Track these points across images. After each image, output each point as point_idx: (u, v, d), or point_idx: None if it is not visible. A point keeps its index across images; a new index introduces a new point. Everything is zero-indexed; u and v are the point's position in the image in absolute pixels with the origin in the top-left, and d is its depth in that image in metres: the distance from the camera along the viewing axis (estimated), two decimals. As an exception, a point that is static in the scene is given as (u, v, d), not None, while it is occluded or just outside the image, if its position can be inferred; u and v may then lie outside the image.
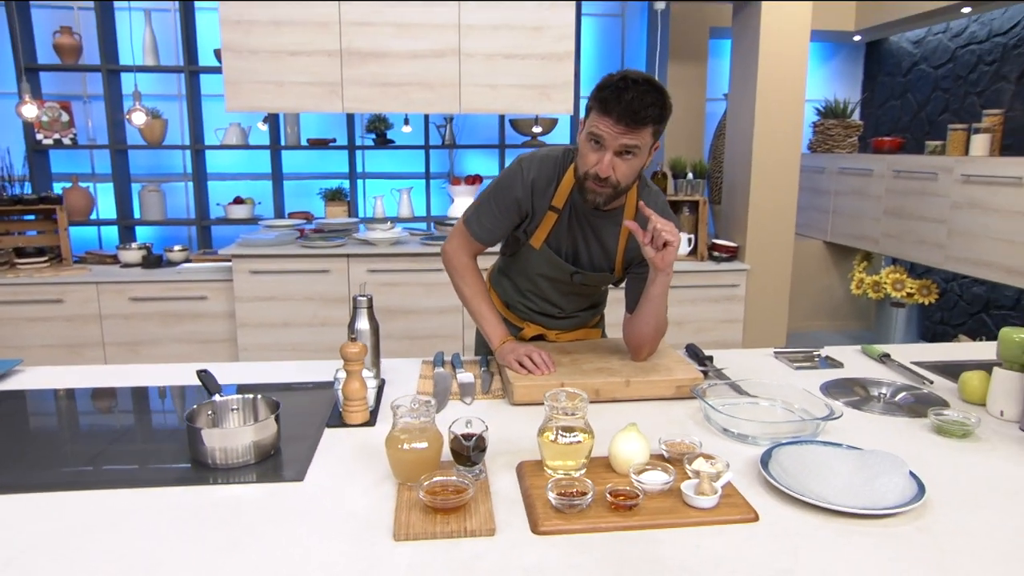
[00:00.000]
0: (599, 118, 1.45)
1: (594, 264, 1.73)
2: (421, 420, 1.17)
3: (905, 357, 1.92)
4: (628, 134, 1.43)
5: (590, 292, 1.87)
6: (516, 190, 1.64)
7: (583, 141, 1.51)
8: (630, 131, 1.43)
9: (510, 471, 1.24)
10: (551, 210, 1.65)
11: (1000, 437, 1.40)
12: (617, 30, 5.12)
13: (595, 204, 1.55)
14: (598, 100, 1.45)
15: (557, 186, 1.64)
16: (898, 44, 5.13)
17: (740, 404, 1.52)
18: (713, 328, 3.96)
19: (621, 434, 1.21)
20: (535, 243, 1.70)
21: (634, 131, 1.43)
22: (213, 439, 1.25)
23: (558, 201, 1.64)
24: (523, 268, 1.80)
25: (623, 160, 1.48)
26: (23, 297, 3.55)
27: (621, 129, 1.43)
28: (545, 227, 1.67)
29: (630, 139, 1.44)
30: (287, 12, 3.41)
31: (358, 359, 1.43)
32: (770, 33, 3.72)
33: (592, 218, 1.66)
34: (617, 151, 1.46)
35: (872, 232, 4.52)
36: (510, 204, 1.66)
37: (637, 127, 1.43)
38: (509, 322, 1.89)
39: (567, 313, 1.88)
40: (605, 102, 1.43)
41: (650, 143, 1.49)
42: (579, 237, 1.69)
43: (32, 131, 4.39)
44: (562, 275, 1.75)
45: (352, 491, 1.18)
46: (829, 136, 5.09)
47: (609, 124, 1.43)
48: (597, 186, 1.51)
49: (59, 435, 1.45)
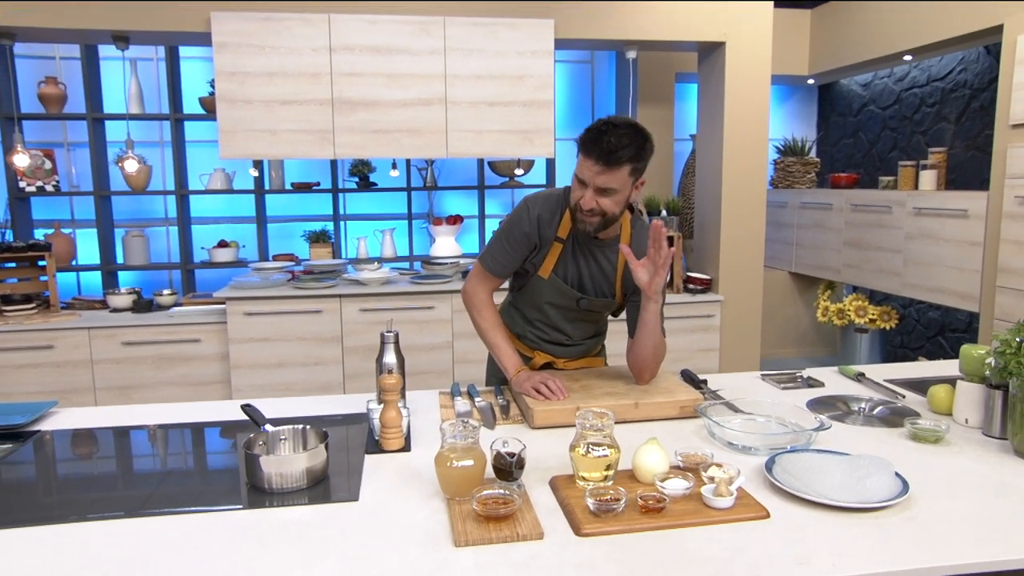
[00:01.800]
0: (582, 160, 1.67)
1: (597, 289, 1.90)
2: (467, 440, 1.30)
3: (878, 376, 2.12)
4: (604, 174, 1.64)
5: (595, 318, 2.03)
6: (524, 225, 1.84)
7: (574, 179, 1.73)
8: (607, 171, 1.63)
9: (543, 485, 1.38)
10: (556, 240, 1.85)
11: (966, 441, 1.59)
12: (587, 75, 5.40)
13: (587, 232, 1.75)
14: (582, 143, 1.67)
15: (560, 219, 1.84)
16: (848, 87, 5.51)
17: (738, 420, 1.68)
18: (690, 357, 4.15)
19: (644, 447, 1.35)
20: (543, 273, 1.88)
21: (610, 171, 1.63)
22: (270, 465, 1.36)
23: (562, 232, 1.84)
24: (532, 299, 1.96)
25: (606, 196, 1.67)
26: (12, 344, 3.56)
27: (599, 170, 1.63)
28: (552, 257, 1.86)
29: (606, 180, 1.64)
30: (280, 63, 3.57)
31: (395, 390, 1.55)
32: (734, 76, 4.00)
33: (593, 248, 1.86)
34: (598, 189, 1.66)
35: (834, 263, 4.81)
36: (520, 238, 1.86)
37: (613, 167, 1.63)
38: (519, 352, 2.02)
39: (574, 340, 2.03)
40: (586, 145, 1.65)
41: (629, 180, 1.68)
42: (583, 265, 1.87)
43: (15, 179, 4.43)
44: (569, 302, 1.91)
45: (405, 507, 1.30)
46: (789, 173, 5.41)
47: (589, 165, 1.64)
48: (585, 217, 1.72)
49: (120, 469, 1.54)
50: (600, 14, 3.84)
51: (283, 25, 3.55)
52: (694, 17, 3.93)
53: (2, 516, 1.28)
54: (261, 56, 3.55)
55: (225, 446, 1.70)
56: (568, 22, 3.81)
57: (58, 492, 1.42)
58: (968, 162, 4.38)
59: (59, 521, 1.25)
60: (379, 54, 3.64)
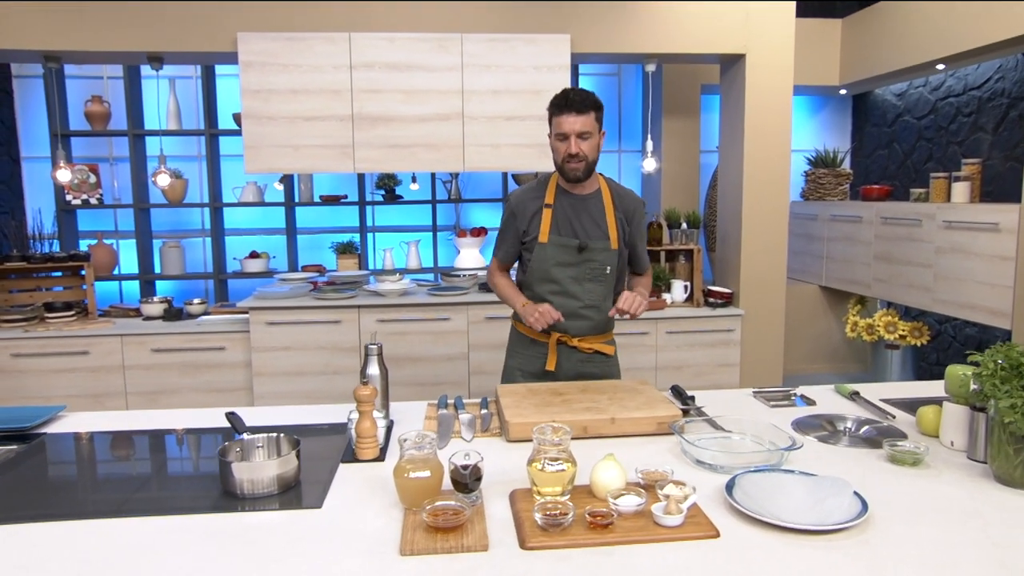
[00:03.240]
0: (559, 120, 2.05)
1: (594, 233, 2.17)
2: (424, 452, 1.34)
3: (875, 395, 2.07)
4: (579, 120, 2.03)
5: (600, 275, 2.20)
6: (508, 217, 2.24)
7: (553, 140, 2.09)
8: (580, 116, 2.02)
9: (504, 498, 1.40)
10: (546, 207, 2.17)
11: (947, 465, 1.54)
12: (614, 87, 5.41)
13: (577, 177, 2.10)
14: (554, 107, 2.07)
15: (544, 192, 2.19)
16: (883, 97, 5.38)
17: (715, 438, 1.68)
18: (711, 372, 4.10)
19: (601, 463, 1.36)
20: (543, 238, 2.17)
21: (583, 116, 2.03)
22: (242, 472, 1.42)
23: (549, 199, 2.18)
24: (540, 269, 2.19)
25: (584, 140, 2.05)
26: (51, 349, 3.75)
27: (574, 118, 2.02)
28: (546, 222, 2.17)
29: (582, 124, 2.03)
30: (303, 81, 3.69)
31: (369, 400, 1.60)
32: (755, 88, 3.96)
33: (578, 203, 2.17)
34: (578, 134, 2.03)
35: (864, 277, 4.69)
36: (509, 227, 2.25)
37: (584, 113, 2.03)
38: (534, 340, 2.26)
39: (585, 304, 2.19)
40: (558, 106, 2.06)
41: (596, 126, 2.07)
42: (574, 219, 2.17)
43: (62, 192, 4.67)
44: (572, 255, 2.15)
45: (364, 516, 1.34)
46: (820, 184, 5.30)
47: (565, 118, 2.03)
48: (573, 163, 2.07)
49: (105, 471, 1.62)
50: (617, 28, 3.85)
51: (306, 44, 3.67)
52: (714, 29, 3.91)
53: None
54: (285, 74, 3.67)
55: (212, 452, 1.76)
56: (585, 37, 3.84)
57: (39, 493, 1.50)
58: (1007, 173, 4.23)
59: (29, 521, 1.33)
60: (398, 71, 3.73)
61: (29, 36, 3.63)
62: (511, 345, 2.37)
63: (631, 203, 2.24)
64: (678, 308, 4.15)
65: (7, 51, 3.69)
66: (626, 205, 2.22)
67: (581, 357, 2.24)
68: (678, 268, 4.33)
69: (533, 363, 2.26)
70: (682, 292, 4.23)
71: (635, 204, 2.25)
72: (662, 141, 5.06)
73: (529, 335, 2.27)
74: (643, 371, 4.03)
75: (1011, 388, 1.37)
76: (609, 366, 2.30)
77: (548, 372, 2.21)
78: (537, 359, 2.25)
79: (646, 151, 4.21)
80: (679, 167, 5.09)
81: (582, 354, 2.23)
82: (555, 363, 2.20)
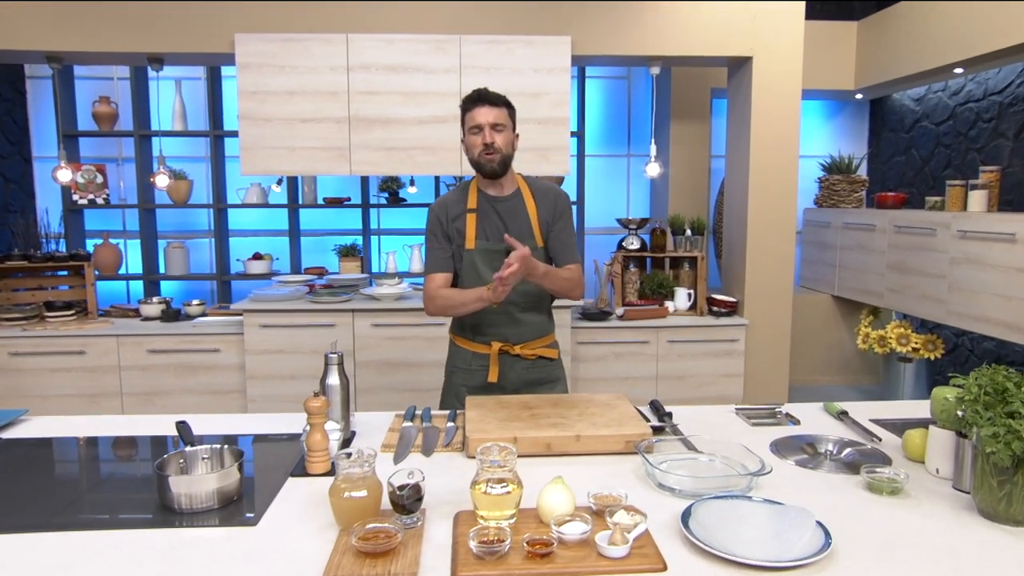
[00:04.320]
0: (472, 113, 2.05)
1: (518, 235, 2.10)
2: (361, 470, 1.27)
3: (866, 414, 1.96)
4: (493, 112, 2.04)
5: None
6: (434, 224, 2.17)
7: (468, 137, 2.08)
8: (494, 108, 2.04)
9: (451, 519, 1.33)
10: (469, 212, 2.13)
11: (930, 495, 1.44)
12: (623, 91, 5.32)
13: (493, 171, 2.07)
14: (468, 102, 2.07)
15: (466, 197, 2.16)
16: (900, 101, 5.22)
17: (683, 459, 1.59)
18: (714, 383, 3.99)
19: (548, 487, 1.29)
20: (469, 244, 2.12)
21: (497, 108, 2.04)
22: (180, 485, 1.36)
23: (471, 203, 2.15)
24: (469, 277, 2.13)
25: (498, 132, 2.04)
26: (48, 349, 3.76)
27: (487, 110, 2.03)
28: (471, 227, 2.13)
29: (496, 115, 2.04)
30: (300, 82, 3.66)
31: (320, 412, 1.54)
32: (762, 92, 3.85)
33: (499, 205, 2.15)
34: (492, 125, 2.02)
35: (876, 287, 4.54)
36: (438, 233, 2.17)
37: (497, 106, 2.05)
38: (476, 353, 2.19)
39: (520, 307, 2.15)
40: (472, 100, 2.06)
41: (510, 122, 2.09)
42: (497, 222, 2.14)
43: (69, 192, 4.70)
44: (500, 260, 2.00)
45: (299, 535, 1.28)
46: (834, 191, 5.15)
47: (480, 110, 2.03)
48: (488, 156, 2.05)
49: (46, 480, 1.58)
50: (620, 30, 3.77)
51: (303, 45, 3.64)
52: (720, 31, 3.81)
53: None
54: (281, 76, 3.65)
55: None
56: (586, 38, 3.76)
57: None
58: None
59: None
60: (395, 73, 3.68)
61: (33, 36, 3.65)
62: (450, 360, 2.28)
63: (552, 195, 2.19)
64: (680, 316, 4.05)
65: (11, 51, 3.71)
66: (547, 199, 2.18)
67: (525, 364, 2.19)
68: (682, 275, 4.23)
69: (475, 376, 2.19)
70: (685, 300, 4.13)
71: (556, 196, 2.20)
72: (670, 146, 4.96)
73: (470, 347, 2.20)
74: (643, 380, 3.93)
75: (994, 415, 1.27)
76: (554, 369, 2.26)
77: (492, 384, 2.15)
78: (479, 372, 2.18)
79: (650, 155, 4.11)
80: (688, 172, 4.98)
81: (525, 361, 2.18)
82: (498, 374, 2.15)
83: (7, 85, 4.89)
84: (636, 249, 4.15)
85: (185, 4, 3.64)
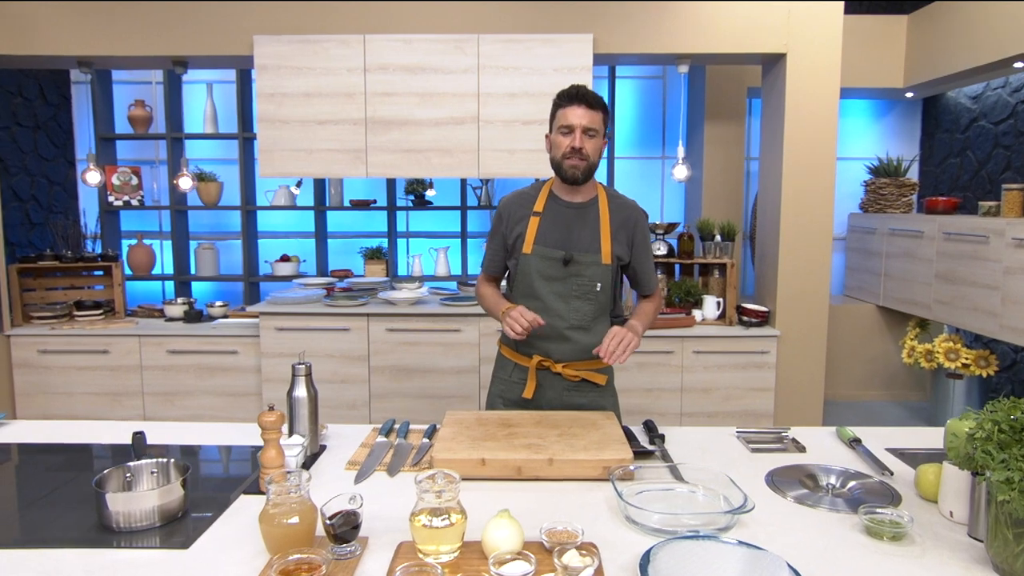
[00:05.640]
0: (566, 111, 1.88)
1: (582, 246, 1.95)
2: (293, 496, 1.18)
3: (884, 442, 1.78)
4: (588, 115, 1.87)
5: (588, 293, 1.96)
6: (496, 221, 2.06)
7: (556, 135, 1.92)
8: (590, 111, 1.87)
9: (393, 550, 1.23)
10: (533, 215, 1.98)
11: (939, 542, 1.27)
12: (658, 91, 5.14)
13: (575, 178, 1.91)
14: (563, 98, 1.90)
15: (535, 198, 2.00)
16: (955, 100, 4.89)
17: (663, 491, 1.45)
18: (742, 396, 3.79)
19: (493, 520, 1.17)
20: (527, 248, 1.97)
21: (593, 112, 1.87)
22: (117, 503, 1.30)
23: (538, 206, 1.99)
24: (522, 283, 2.00)
25: (589, 138, 1.88)
26: (74, 347, 3.83)
27: (583, 112, 1.86)
28: (531, 231, 1.97)
29: (591, 119, 1.87)
30: (317, 84, 3.63)
31: (275, 428, 1.46)
32: (796, 90, 3.64)
33: (570, 212, 1.97)
34: (584, 130, 1.86)
35: (923, 297, 4.25)
36: (496, 233, 2.06)
37: (595, 109, 1.88)
38: (517, 364, 2.05)
39: (570, 323, 1.96)
40: (567, 97, 1.89)
41: (603, 127, 1.91)
42: (564, 229, 1.97)
43: (105, 194, 4.80)
44: (556, 268, 1.94)
45: (227, 562, 1.20)
46: (881, 195, 4.87)
47: (574, 111, 1.87)
48: (574, 161, 1.89)
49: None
50: (645, 27, 3.61)
51: (320, 47, 3.61)
52: (751, 27, 3.61)
53: None
54: (299, 77, 3.62)
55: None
56: (609, 36, 3.62)
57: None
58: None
59: None
60: (412, 73, 3.62)
61: (65, 42, 3.71)
62: (495, 369, 2.13)
63: (632, 214, 2.01)
64: (708, 326, 3.86)
65: (45, 56, 3.79)
66: (626, 216, 1.99)
67: (566, 385, 1.98)
68: (711, 283, 4.04)
69: (514, 390, 2.03)
70: (714, 309, 3.93)
71: (636, 215, 2.01)
72: (704, 147, 4.76)
73: (512, 358, 2.04)
74: (666, 392, 3.76)
75: (1009, 457, 1.09)
76: (601, 397, 2.02)
77: (528, 400, 1.99)
78: (518, 385, 2.02)
79: (678, 157, 3.94)
80: (722, 175, 4.77)
81: (567, 382, 1.98)
82: (533, 390, 1.96)
83: (53, 90, 5.03)
84: (663, 255, 3.98)
85: (207, 8, 3.65)
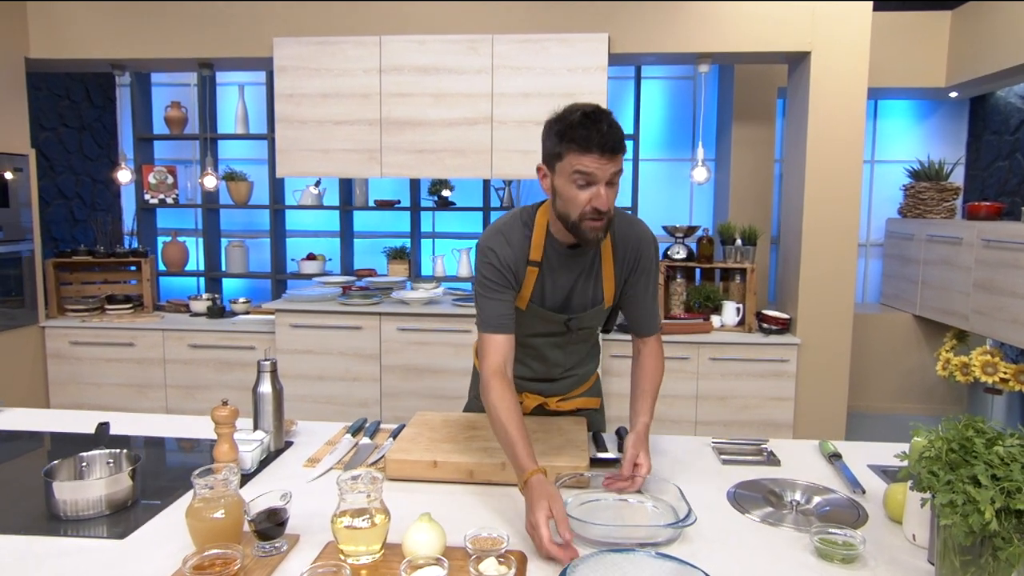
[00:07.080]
0: (582, 156, 1.43)
1: (585, 300, 1.68)
2: (218, 491, 1.18)
3: (864, 458, 1.69)
4: (613, 163, 1.45)
5: (587, 336, 1.80)
6: (495, 276, 1.60)
7: (566, 184, 1.47)
8: (613, 159, 1.44)
9: (319, 549, 1.22)
10: (531, 265, 1.62)
11: (893, 568, 1.18)
12: (688, 91, 5.04)
13: (597, 240, 1.52)
14: (575, 140, 1.43)
15: (530, 243, 1.62)
16: (1005, 99, 4.64)
17: (612, 501, 1.40)
18: (760, 405, 3.67)
19: (413, 524, 1.15)
20: (520, 304, 1.65)
21: (616, 159, 1.45)
22: (63, 492, 1.33)
23: (535, 255, 1.62)
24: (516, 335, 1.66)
25: (610, 187, 1.48)
26: (102, 339, 3.97)
27: (607, 160, 1.43)
28: (527, 286, 1.64)
29: (615, 167, 1.45)
30: (334, 85, 3.68)
31: (228, 422, 1.47)
32: (821, 90, 3.51)
33: (569, 259, 1.63)
34: (608, 181, 1.46)
35: (961, 307, 4.04)
36: (501, 282, 1.60)
37: (618, 154, 1.45)
38: None
39: (566, 370, 1.82)
40: (586, 140, 1.42)
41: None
42: (563, 280, 1.66)
43: (142, 192, 4.98)
44: (556, 327, 1.71)
45: (157, 555, 1.21)
46: (921, 200, 4.66)
47: (595, 159, 1.43)
48: (596, 222, 1.48)
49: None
50: (662, 25, 3.54)
51: (337, 48, 3.65)
52: (772, 25, 3.50)
53: None
54: (316, 78, 3.68)
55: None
56: (625, 35, 3.56)
57: None
58: None
59: None
60: (426, 74, 3.63)
61: (97, 45, 3.86)
62: (474, 380, 1.96)
63: (637, 244, 1.65)
64: (726, 333, 3.76)
65: (79, 60, 3.95)
66: (630, 248, 1.65)
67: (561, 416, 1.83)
68: (732, 288, 3.93)
69: None
70: (734, 315, 3.83)
71: (642, 244, 1.66)
72: (731, 149, 4.64)
73: None
74: (681, 400, 3.68)
75: (954, 480, 1.01)
76: (594, 417, 1.90)
77: None
78: None
79: (697, 159, 3.85)
80: (751, 178, 4.64)
81: (563, 413, 1.85)
82: None
83: (99, 93, 5.24)
84: (682, 259, 3.89)
85: (229, 10, 3.74)
